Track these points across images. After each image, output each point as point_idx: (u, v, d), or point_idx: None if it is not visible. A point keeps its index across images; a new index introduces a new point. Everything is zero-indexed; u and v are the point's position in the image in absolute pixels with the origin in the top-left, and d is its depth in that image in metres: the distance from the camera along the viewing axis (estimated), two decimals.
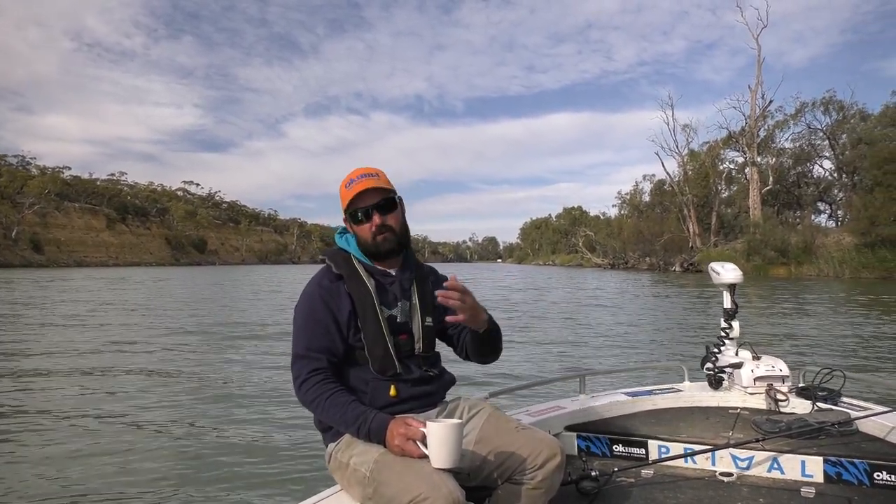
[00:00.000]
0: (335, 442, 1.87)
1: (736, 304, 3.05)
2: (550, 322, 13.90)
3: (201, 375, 7.75)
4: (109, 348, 9.94)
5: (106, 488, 3.99)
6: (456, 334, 2.08)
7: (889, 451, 2.32)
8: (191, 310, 17.46)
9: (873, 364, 8.03)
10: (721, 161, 54.62)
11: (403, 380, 1.88)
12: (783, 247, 36.23)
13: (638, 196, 69.83)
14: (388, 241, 1.92)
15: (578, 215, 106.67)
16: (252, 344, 10.64)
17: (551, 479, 1.77)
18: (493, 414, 1.93)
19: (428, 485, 1.51)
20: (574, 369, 3.31)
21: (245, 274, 53.51)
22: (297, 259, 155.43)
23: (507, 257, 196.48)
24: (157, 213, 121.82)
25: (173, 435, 5.16)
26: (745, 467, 2.42)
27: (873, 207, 31.16)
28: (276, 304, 19.79)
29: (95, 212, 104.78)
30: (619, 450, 2.62)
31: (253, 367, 8.38)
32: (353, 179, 1.94)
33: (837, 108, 47.81)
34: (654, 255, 50.91)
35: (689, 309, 16.68)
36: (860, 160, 40.41)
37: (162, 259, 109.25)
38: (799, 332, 11.15)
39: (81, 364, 8.46)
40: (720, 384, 3.05)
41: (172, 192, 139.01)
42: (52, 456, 4.57)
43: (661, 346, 10.06)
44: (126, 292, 25.64)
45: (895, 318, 13.09)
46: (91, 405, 6.19)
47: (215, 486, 4.03)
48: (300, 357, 1.85)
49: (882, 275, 29.26)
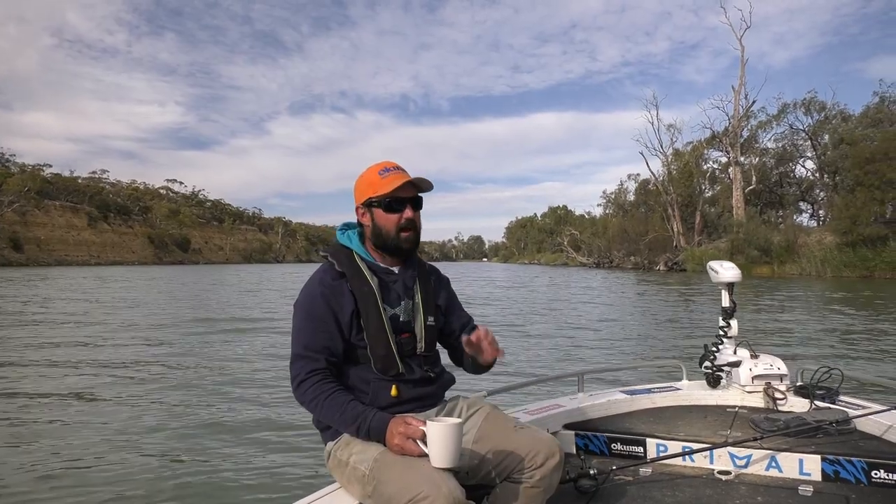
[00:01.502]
0: (334, 440, 1.86)
1: (734, 303, 3.05)
2: (545, 320, 13.95)
3: (197, 374, 7.70)
4: (105, 344, 9.83)
5: (103, 484, 3.96)
6: (454, 340, 2.08)
7: (887, 449, 2.33)
8: (183, 306, 17.30)
9: (865, 362, 8.11)
10: (705, 161, 55.19)
11: (405, 380, 1.87)
12: (766, 246, 36.60)
13: (623, 195, 70.30)
14: (409, 240, 1.91)
15: (563, 214, 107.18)
16: (248, 341, 10.59)
17: (550, 477, 1.77)
18: (491, 413, 1.93)
19: (428, 484, 1.50)
20: (572, 368, 3.31)
21: (234, 273, 52.97)
22: (282, 258, 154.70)
23: (492, 256, 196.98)
24: (140, 212, 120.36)
25: (169, 433, 5.12)
26: (744, 466, 2.41)
27: (854, 207, 31.52)
28: (272, 300, 19.68)
29: (76, 210, 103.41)
30: (617, 448, 2.61)
31: (250, 363, 8.34)
32: (388, 169, 1.91)
33: (819, 108, 48.37)
34: (639, 254, 51.20)
35: (676, 306, 16.79)
36: (842, 160, 40.89)
37: (144, 258, 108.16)
38: (784, 330, 11.25)
39: (73, 365, 8.35)
40: (718, 382, 3.05)
41: (155, 191, 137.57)
42: (45, 462, 4.48)
43: (648, 344, 10.11)
44: (117, 291, 25.34)
45: (879, 316, 13.23)
46: (85, 401, 6.14)
47: (213, 484, 4.01)
48: (299, 357, 1.82)
49: (863, 274, 29.65)
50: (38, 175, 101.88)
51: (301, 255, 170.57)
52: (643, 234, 50.93)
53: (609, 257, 59.43)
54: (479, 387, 3.00)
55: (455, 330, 2.08)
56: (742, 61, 46.30)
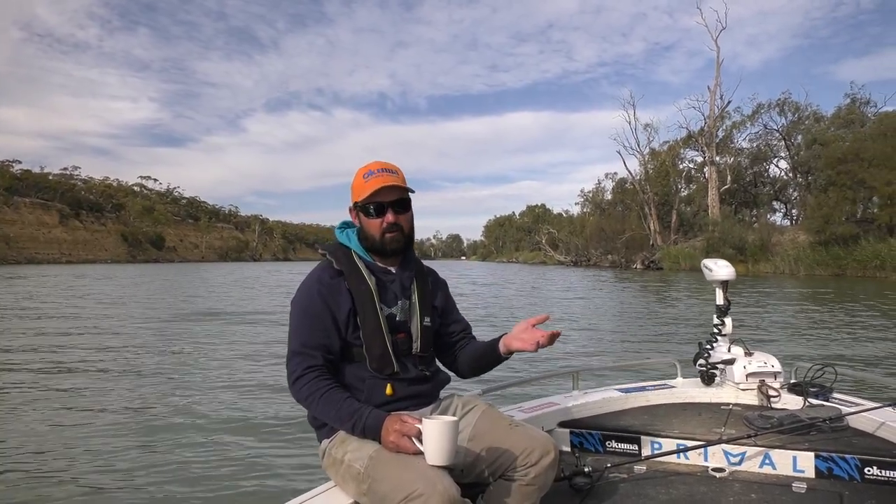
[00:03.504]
0: (329, 438, 1.85)
1: (728, 301, 3.06)
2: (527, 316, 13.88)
3: (190, 371, 7.65)
4: (95, 345, 9.64)
5: (96, 485, 3.93)
6: (450, 341, 2.09)
7: (880, 446, 2.34)
8: (167, 305, 17.04)
9: (848, 358, 8.22)
10: (681, 160, 55.78)
11: (400, 379, 1.87)
12: (741, 244, 37.12)
13: (600, 194, 70.75)
14: (395, 241, 1.91)
15: (542, 213, 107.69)
16: (243, 339, 10.53)
17: (545, 475, 1.77)
18: (486, 411, 1.94)
19: (423, 481, 1.50)
20: (567, 366, 3.30)
21: (220, 273, 52.37)
22: (259, 256, 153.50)
23: (470, 255, 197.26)
24: (113, 209, 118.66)
25: (164, 433, 5.07)
26: (737, 463, 2.42)
27: (827, 206, 32.08)
28: (265, 298, 19.45)
29: (47, 207, 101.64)
30: (612, 446, 2.61)
31: (244, 361, 8.28)
32: (372, 172, 1.90)
33: (793, 109, 49.19)
34: (616, 252, 51.57)
35: (659, 303, 16.94)
36: (814, 160, 41.62)
37: (118, 256, 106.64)
38: (761, 327, 11.38)
39: (64, 367, 8.21)
40: (713, 380, 3.06)
41: (129, 188, 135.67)
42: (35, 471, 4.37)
43: (631, 339, 10.17)
44: (92, 290, 24.88)
45: (850, 314, 13.46)
46: (79, 401, 6.10)
47: (206, 483, 3.97)
48: (296, 354, 1.81)
49: (835, 272, 30.17)
50: (8, 171, 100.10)
51: (278, 253, 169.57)
52: (620, 233, 51.31)
53: (586, 256, 59.74)
54: (473, 385, 2.98)
55: (451, 332, 2.09)
56: (717, 62, 47.00)
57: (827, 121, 46.25)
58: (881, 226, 29.66)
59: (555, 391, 3.10)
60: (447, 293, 2.14)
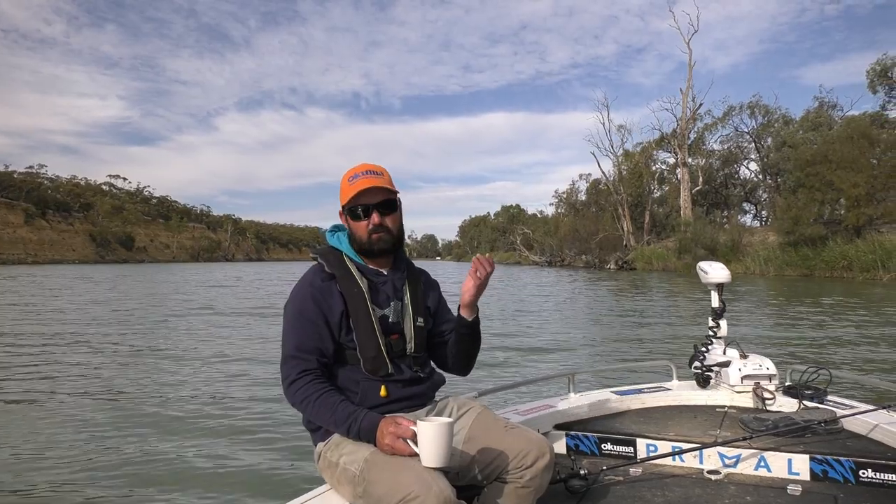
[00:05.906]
0: (324, 441, 1.84)
1: (724, 304, 3.07)
2: (520, 319, 13.90)
3: (186, 372, 7.59)
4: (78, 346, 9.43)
5: (90, 486, 3.90)
6: (443, 341, 2.09)
7: (874, 448, 2.36)
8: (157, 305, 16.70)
9: (838, 358, 8.32)
10: (654, 161, 56.45)
11: (394, 380, 1.87)
12: (712, 245, 37.63)
13: (574, 195, 71.31)
14: (382, 242, 1.92)
15: (516, 213, 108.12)
16: (240, 340, 10.49)
17: (540, 477, 1.77)
18: (482, 413, 1.94)
19: (418, 483, 1.50)
20: (563, 368, 3.27)
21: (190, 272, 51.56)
22: (232, 257, 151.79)
23: (445, 255, 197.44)
24: (81, 209, 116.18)
25: (159, 434, 5.02)
26: (733, 465, 2.42)
27: (796, 208, 32.64)
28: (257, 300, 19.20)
29: (12, 206, 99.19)
30: (607, 448, 2.60)
31: (240, 364, 8.21)
32: (357, 175, 1.92)
33: (763, 111, 50.06)
34: (590, 252, 52.00)
35: (633, 301, 17.08)
36: (784, 162, 42.42)
37: (86, 256, 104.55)
38: (736, 326, 11.51)
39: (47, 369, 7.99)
40: (708, 383, 3.07)
41: (97, 187, 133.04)
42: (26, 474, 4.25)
43: (620, 341, 10.19)
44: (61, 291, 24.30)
45: (826, 312, 13.69)
46: (74, 401, 6.04)
47: (201, 486, 3.94)
48: (290, 357, 1.81)
49: (804, 272, 30.73)
50: None
51: (251, 253, 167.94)
52: (594, 234, 51.74)
53: (561, 256, 60.16)
54: (469, 387, 2.94)
55: (444, 332, 2.09)
56: (690, 64, 47.58)
57: (796, 124, 47.15)
58: (848, 227, 30.24)
59: (551, 394, 3.10)
60: (439, 294, 2.15)
